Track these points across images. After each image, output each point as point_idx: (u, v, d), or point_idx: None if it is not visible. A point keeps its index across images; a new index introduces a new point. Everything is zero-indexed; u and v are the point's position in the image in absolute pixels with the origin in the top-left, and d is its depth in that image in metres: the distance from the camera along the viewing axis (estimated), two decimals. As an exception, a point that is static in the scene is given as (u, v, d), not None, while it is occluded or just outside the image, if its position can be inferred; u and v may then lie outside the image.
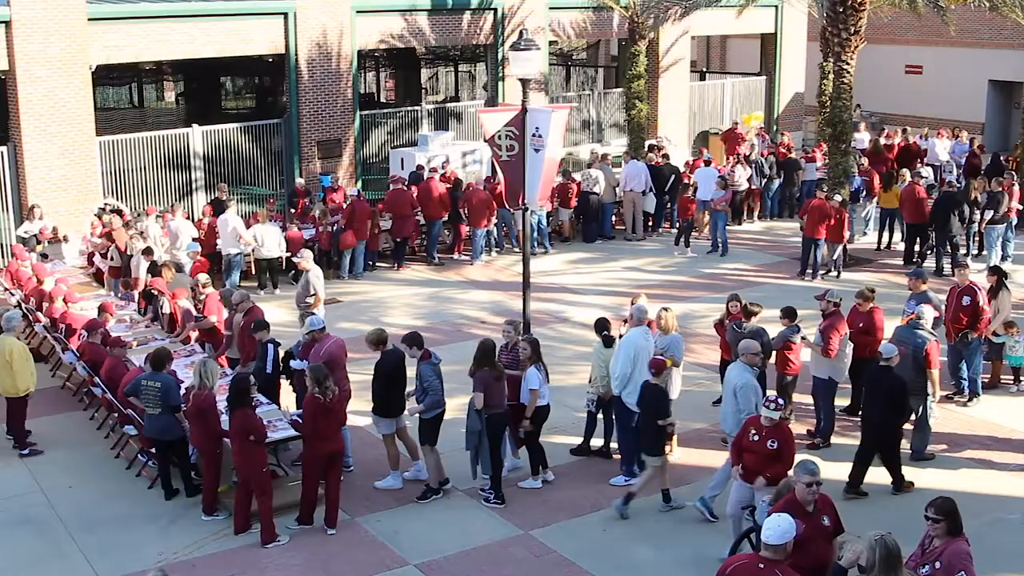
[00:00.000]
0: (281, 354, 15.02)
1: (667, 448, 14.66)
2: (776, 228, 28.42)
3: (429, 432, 13.72)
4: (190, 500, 13.80)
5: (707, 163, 28.63)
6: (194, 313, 17.49)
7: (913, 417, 14.51)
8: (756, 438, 11.74)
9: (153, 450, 14.12)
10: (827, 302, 15.49)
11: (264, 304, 19.63)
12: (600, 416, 14.97)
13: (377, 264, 25.00)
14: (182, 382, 14.23)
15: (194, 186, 26.47)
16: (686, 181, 27.47)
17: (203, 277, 18.29)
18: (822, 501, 9.88)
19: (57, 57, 23.69)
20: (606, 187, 27.17)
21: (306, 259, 18.44)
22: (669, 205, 27.97)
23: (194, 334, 17.53)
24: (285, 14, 26.93)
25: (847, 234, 24.14)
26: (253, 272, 23.20)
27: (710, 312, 17.45)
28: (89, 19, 24.13)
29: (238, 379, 13.00)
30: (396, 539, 12.91)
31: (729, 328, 15.45)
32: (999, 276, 17.31)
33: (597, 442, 15.09)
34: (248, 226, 22.80)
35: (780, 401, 11.88)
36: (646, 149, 29.64)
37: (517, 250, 23.26)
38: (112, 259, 21.24)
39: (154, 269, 19.44)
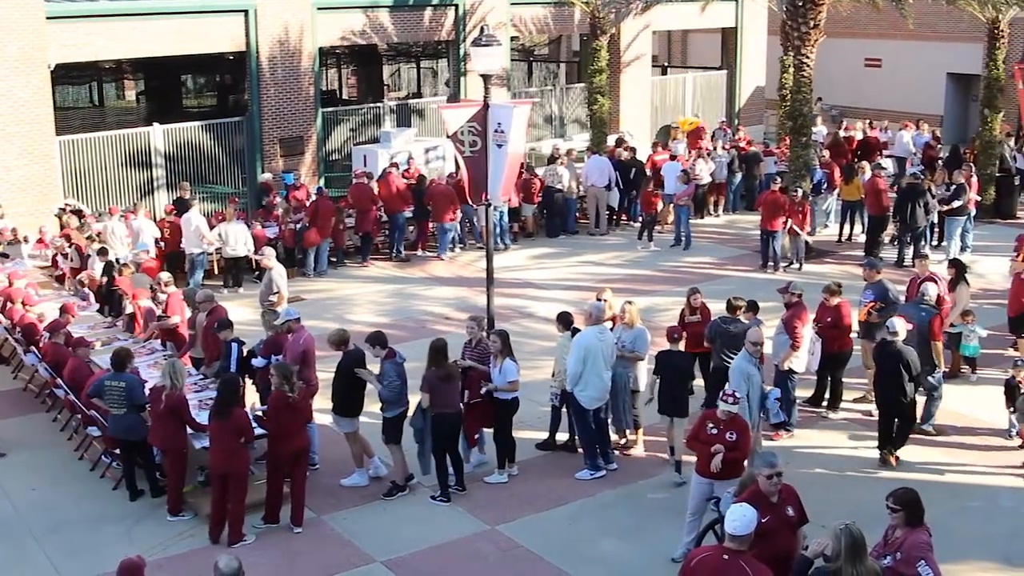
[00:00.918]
0: (244, 353, 14.99)
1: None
2: (738, 221, 28.57)
3: (392, 431, 13.72)
4: (155, 501, 13.75)
5: (673, 157, 28.73)
6: (157, 312, 17.40)
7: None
8: (714, 431, 11.81)
9: (117, 451, 14.06)
10: (790, 294, 15.65)
11: (229, 303, 19.58)
12: (564, 411, 15.00)
13: (344, 261, 24.96)
14: (146, 382, 14.17)
15: (155, 185, 26.33)
16: (649, 175, 27.56)
17: (165, 276, 18.20)
18: (786, 492, 9.94)
19: (15, 56, 23.50)
20: (570, 183, 27.26)
21: (268, 257, 18.38)
22: (635, 199, 28.05)
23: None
24: (246, 11, 26.81)
25: (808, 227, 24.33)
26: (217, 271, 23.12)
27: (673, 305, 17.53)
28: (47, 17, 23.94)
29: (229, 378, 12.97)
30: (362, 536, 12.91)
31: (714, 322, 15.49)
32: (958, 269, 17.45)
33: (563, 436, 15.13)
34: (213, 225, 22.72)
35: (737, 395, 11.97)
36: (613, 144, 29.71)
37: (480, 246, 23.27)
38: (72, 260, 21.11)
39: (109, 269, 19.34)
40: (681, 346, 14.81)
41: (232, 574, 8.99)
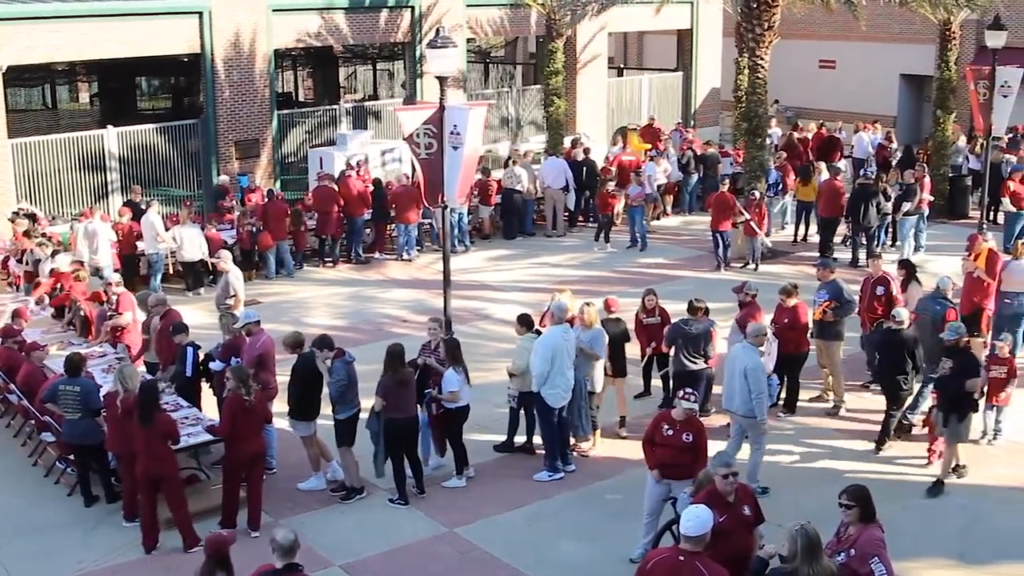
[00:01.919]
0: (201, 357, 14.91)
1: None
2: (695, 223, 28.67)
3: (345, 433, 13.68)
4: (111, 506, 13.65)
5: (652, 159, 28.74)
6: (107, 312, 17.24)
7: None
8: (670, 432, 11.81)
9: (72, 456, 13.95)
10: (744, 293, 15.78)
11: (188, 306, 19.54)
12: (522, 412, 15.01)
13: (304, 263, 24.87)
14: (101, 386, 14.06)
15: (110, 188, 26.08)
16: (607, 177, 27.69)
17: (115, 276, 18.15)
18: (742, 491, 10.01)
19: (-34, 58, 23.30)
20: (529, 184, 27.31)
21: (225, 260, 18.34)
22: (590, 200, 28.12)
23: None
24: (200, 13, 26.65)
25: (765, 228, 24.51)
26: (173, 273, 22.99)
27: (629, 307, 17.54)
28: (-1, 19, 23.75)
29: (148, 384, 12.80)
30: (320, 540, 12.87)
31: (674, 325, 15.54)
32: (908, 270, 17.59)
33: (520, 439, 15.14)
34: (167, 228, 22.58)
35: (695, 394, 12.02)
36: (570, 146, 29.77)
37: (437, 248, 23.27)
38: (27, 264, 20.92)
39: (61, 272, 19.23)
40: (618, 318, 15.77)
41: (289, 546, 9.10)
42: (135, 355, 16.22)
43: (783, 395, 16.27)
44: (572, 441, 14.88)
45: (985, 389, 14.77)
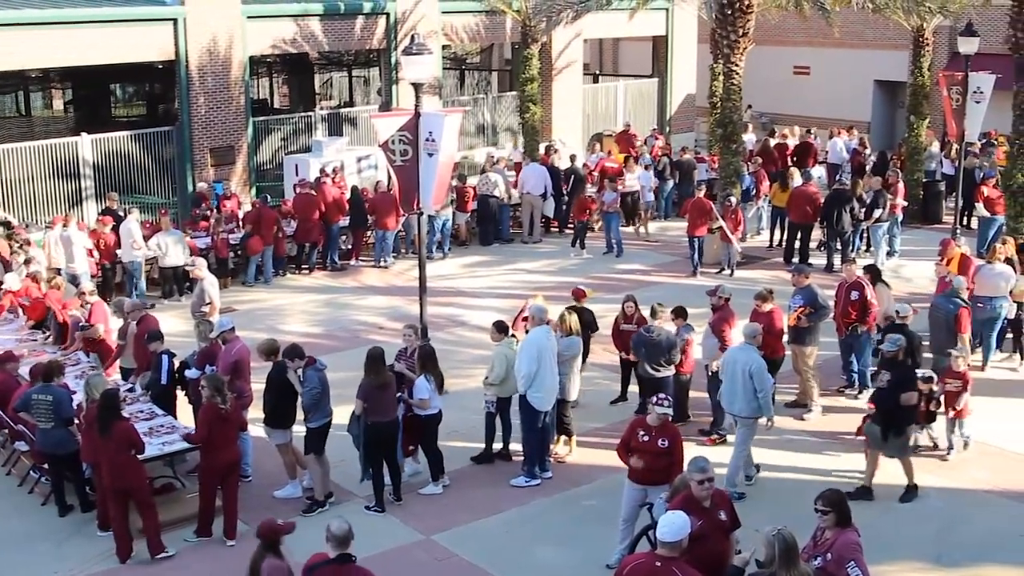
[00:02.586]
0: (176, 364, 14.86)
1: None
2: (670, 228, 28.72)
3: (315, 441, 13.63)
4: (85, 516, 13.57)
5: (647, 167, 28.73)
6: (81, 322, 17.17)
7: None
8: (645, 438, 11.81)
9: (46, 466, 13.86)
10: (718, 297, 15.84)
11: (163, 314, 19.48)
12: (497, 419, 14.99)
13: (282, 271, 24.82)
14: (75, 393, 13.99)
15: (84, 196, 25.96)
16: (589, 183, 27.76)
17: (88, 285, 18.06)
18: (718, 496, 10.02)
19: (-61, 66, 23.17)
20: (505, 190, 27.33)
21: (200, 267, 18.30)
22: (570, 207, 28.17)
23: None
24: (174, 20, 26.58)
25: (740, 233, 24.59)
26: (149, 281, 22.91)
27: (606, 313, 17.59)
28: (-29, 26, 23.63)
29: (108, 393, 12.69)
30: (296, 548, 12.77)
31: (637, 333, 15.54)
32: (873, 274, 17.65)
33: (496, 445, 15.11)
34: (145, 236, 22.49)
35: (669, 399, 12.04)
36: (544, 152, 29.80)
37: (414, 254, 23.23)
38: (-1, 273, 20.81)
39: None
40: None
41: (343, 536, 9.16)
42: (108, 363, 16.14)
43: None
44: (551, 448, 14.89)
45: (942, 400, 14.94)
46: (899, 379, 13.71)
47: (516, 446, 14.85)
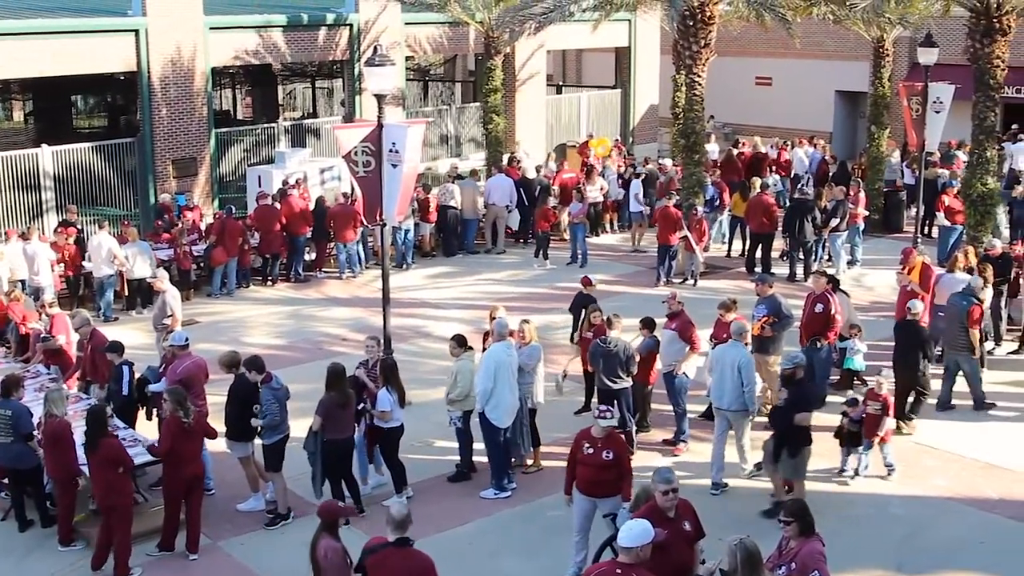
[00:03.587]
0: (137, 376, 14.76)
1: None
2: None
3: (272, 458, 13.56)
4: (45, 531, 13.44)
5: (638, 176, 28.76)
6: (42, 334, 17.02)
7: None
8: (591, 451, 11.76)
9: (6, 480, 13.73)
10: (677, 302, 15.96)
11: (126, 326, 19.35)
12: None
13: (246, 283, 24.73)
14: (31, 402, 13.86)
15: (44, 208, 25.74)
16: (555, 191, 27.82)
17: (48, 297, 17.93)
18: (682, 506, 10.03)
19: None
20: (469, 201, 27.33)
21: (162, 280, 18.22)
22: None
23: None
24: (136, 31, 26.44)
25: (705, 243, 24.72)
26: (126, 293, 22.77)
27: (569, 323, 17.63)
28: (-70, 37, 23.42)
29: (95, 409, 12.64)
30: (259, 561, 12.77)
31: (594, 344, 15.54)
32: (832, 283, 17.74)
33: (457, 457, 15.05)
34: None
35: (612, 411, 12.06)
36: (507, 163, 29.81)
37: (378, 265, 23.21)
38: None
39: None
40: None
41: (401, 520, 9.38)
42: (68, 375, 16.01)
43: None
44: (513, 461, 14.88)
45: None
46: (795, 398, 13.37)
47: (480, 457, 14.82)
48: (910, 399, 16.45)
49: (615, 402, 14.28)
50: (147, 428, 14.74)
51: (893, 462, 14.84)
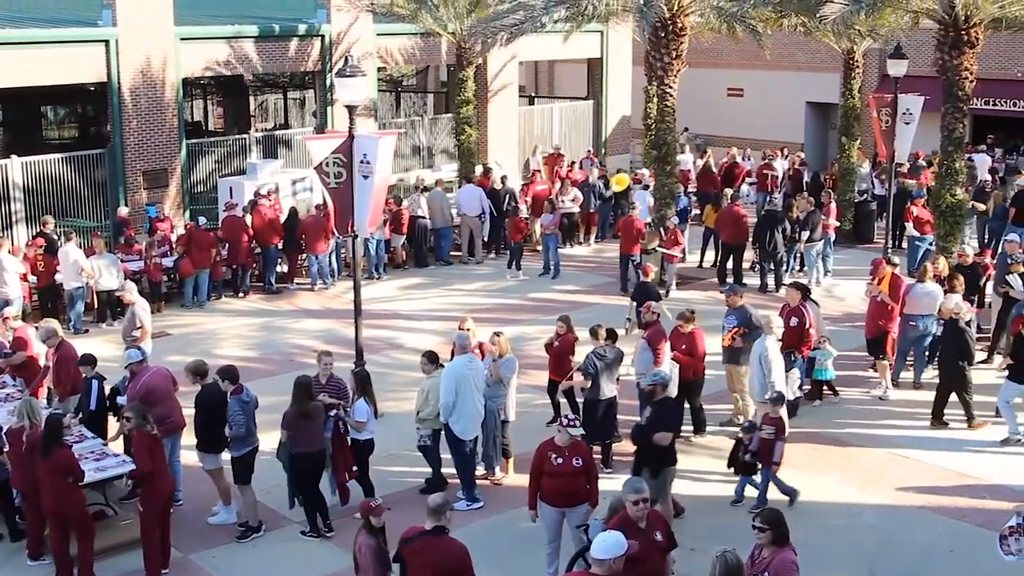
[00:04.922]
0: (107, 390, 14.66)
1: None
2: (606, 250, 28.83)
3: (241, 470, 13.48)
4: (14, 545, 13.35)
5: (645, 187, 28.66)
6: (5, 348, 16.88)
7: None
8: (559, 460, 11.76)
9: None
10: (651, 312, 15.97)
11: (96, 339, 19.21)
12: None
13: (218, 294, 24.62)
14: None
15: (14, 219, 25.56)
16: (522, 205, 27.81)
17: (11, 310, 17.81)
18: (654, 517, 10.04)
19: None
20: (438, 212, 27.32)
21: (131, 292, 18.11)
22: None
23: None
24: (107, 41, 26.31)
25: (680, 253, 24.81)
26: (95, 305, 22.63)
27: (541, 334, 17.65)
28: (-102, 47, 23.23)
29: (51, 419, 12.47)
30: (232, 575, 12.69)
31: (588, 357, 15.37)
32: (803, 293, 17.79)
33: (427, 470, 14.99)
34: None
35: (578, 419, 12.05)
36: (481, 174, 29.82)
37: (350, 276, 23.15)
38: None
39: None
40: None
41: (436, 507, 9.81)
42: (34, 386, 15.86)
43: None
44: (480, 471, 14.85)
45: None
46: (655, 417, 12.89)
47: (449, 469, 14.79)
48: (951, 398, 16.91)
49: (607, 411, 14.49)
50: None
51: (790, 489, 14.30)
